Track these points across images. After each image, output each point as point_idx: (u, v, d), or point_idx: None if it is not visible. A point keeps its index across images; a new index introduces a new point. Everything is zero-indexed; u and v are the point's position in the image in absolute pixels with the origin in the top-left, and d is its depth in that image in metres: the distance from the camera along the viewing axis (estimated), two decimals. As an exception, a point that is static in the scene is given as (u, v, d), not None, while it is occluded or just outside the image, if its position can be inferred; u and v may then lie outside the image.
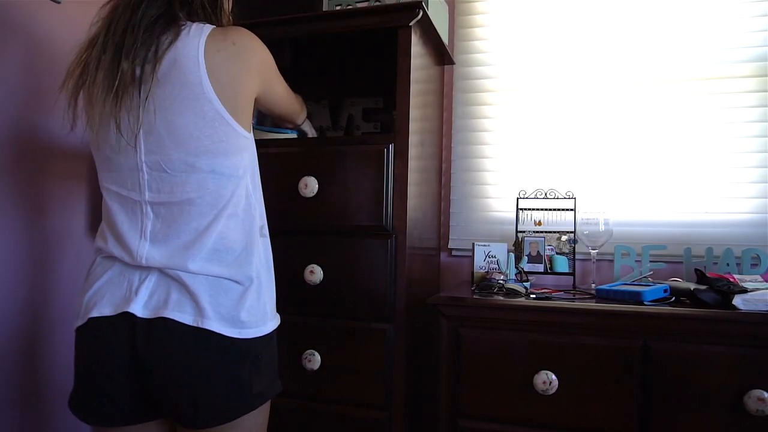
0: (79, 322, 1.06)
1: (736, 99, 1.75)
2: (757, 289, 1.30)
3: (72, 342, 1.09)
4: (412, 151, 1.53)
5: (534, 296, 1.46)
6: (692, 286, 1.36)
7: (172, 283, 1.02)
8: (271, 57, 1.19)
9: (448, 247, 1.99)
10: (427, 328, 1.73)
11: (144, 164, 1.04)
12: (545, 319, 1.35)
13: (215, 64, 1.02)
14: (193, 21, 1.07)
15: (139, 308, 1.01)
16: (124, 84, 1.01)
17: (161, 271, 1.03)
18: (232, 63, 1.04)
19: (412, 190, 1.52)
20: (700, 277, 1.41)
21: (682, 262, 1.66)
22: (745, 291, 1.29)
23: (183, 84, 1.00)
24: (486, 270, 1.62)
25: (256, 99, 1.17)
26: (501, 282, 1.49)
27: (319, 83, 2.00)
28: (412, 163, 1.53)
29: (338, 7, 1.63)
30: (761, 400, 1.19)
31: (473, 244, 1.66)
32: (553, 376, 1.32)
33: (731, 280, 1.35)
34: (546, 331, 1.35)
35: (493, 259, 1.64)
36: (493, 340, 1.39)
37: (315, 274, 1.49)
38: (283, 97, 1.32)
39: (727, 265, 1.58)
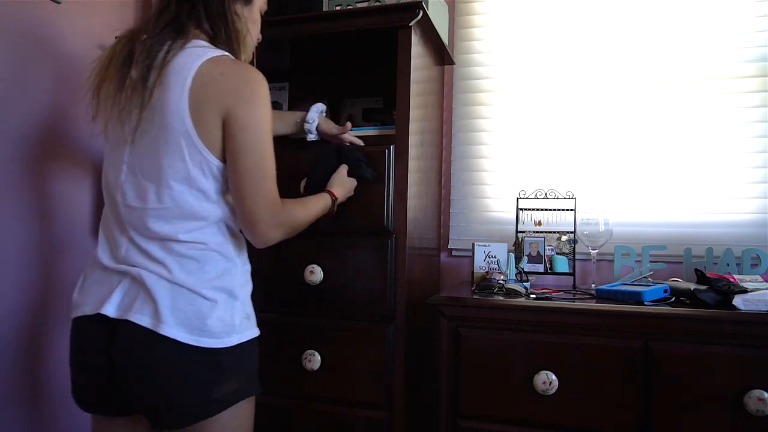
0: (71, 319, 1.14)
1: (737, 99, 1.75)
2: (757, 289, 1.29)
3: None
4: (412, 151, 1.53)
5: (534, 296, 1.46)
6: (692, 286, 1.36)
7: (141, 287, 1.06)
8: (262, 92, 1.10)
9: (448, 247, 1.99)
10: (427, 328, 1.73)
11: (125, 165, 1.10)
12: (545, 319, 1.35)
13: (197, 87, 1.05)
14: (200, 33, 1.13)
15: (111, 309, 1.06)
16: (131, 86, 1.07)
17: (134, 276, 1.07)
18: (209, 87, 1.06)
19: (412, 190, 1.52)
20: (700, 277, 1.41)
21: (682, 263, 1.66)
22: (745, 291, 1.28)
23: (167, 101, 1.06)
24: (486, 270, 1.62)
25: (224, 128, 1.08)
26: (501, 282, 1.49)
27: (319, 83, 2.00)
28: (412, 163, 1.53)
29: (338, 7, 1.63)
30: (761, 400, 1.19)
31: (473, 244, 1.66)
32: (553, 376, 1.32)
33: (731, 280, 1.35)
34: (546, 331, 1.35)
35: (493, 259, 1.64)
36: (493, 340, 1.39)
37: (315, 274, 1.49)
38: (252, 155, 1.08)
39: (727, 265, 1.58)
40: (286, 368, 1.53)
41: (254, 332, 1.16)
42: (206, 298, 1.07)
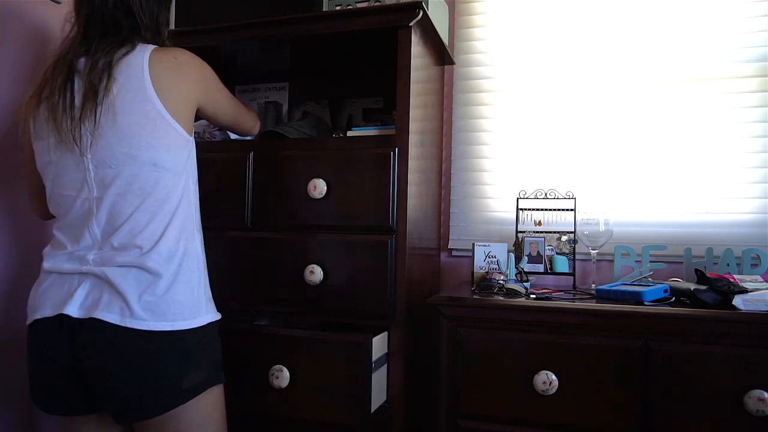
0: (27, 322, 1.16)
1: (736, 99, 1.75)
2: (757, 290, 1.29)
3: None
4: (412, 151, 1.53)
5: (534, 296, 1.46)
6: (692, 286, 1.36)
7: (105, 285, 1.09)
8: (212, 72, 1.31)
9: (448, 247, 1.99)
10: (427, 328, 1.73)
11: (90, 163, 1.13)
12: (545, 320, 1.35)
13: (158, 72, 1.15)
14: (141, 42, 1.21)
15: (74, 310, 1.09)
16: (80, 101, 1.13)
17: (96, 274, 1.10)
18: (174, 73, 1.18)
19: (412, 190, 1.52)
20: (700, 277, 1.41)
21: (682, 263, 1.66)
22: (745, 291, 1.28)
23: (128, 89, 1.12)
24: (486, 270, 1.62)
25: (199, 109, 1.29)
26: (501, 282, 1.49)
27: (319, 83, 2.00)
28: (412, 163, 1.53)
29: (338, 7, 1.63)
30: (761, 400, 1.19)
31: (473, 244, 1.66)
32: (553, 376, 1.32)
33: (731, 280, 1.35)
34: (546, 331, 1.35)
35: (493, 259, 1.64)
36: (493, 340, 1.39)
37: (315, 274, 1.49)
38: (228, 108, 1.40)
39: (728, 265, 1.58)
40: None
41: (217, 315, 1.21)
42: (172, 280, 1.11)
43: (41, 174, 1.22)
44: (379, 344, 1.42)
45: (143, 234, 1.12)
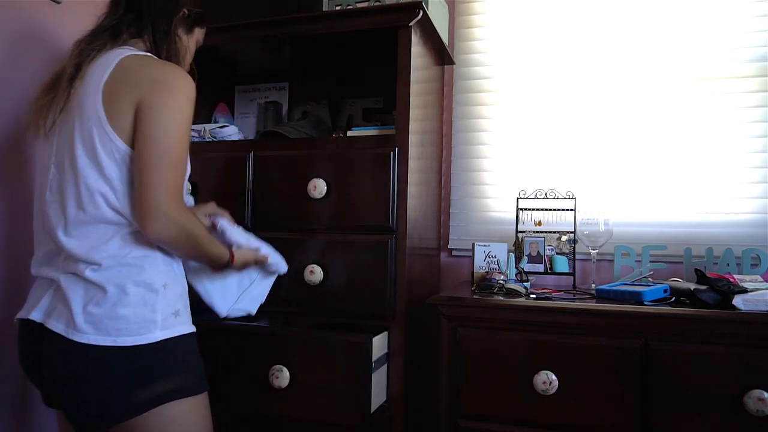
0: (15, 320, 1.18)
1: (737, 99, 1.75)
2: (757, 289, 1.29)
3: None
4: (412, 151, 1.53)
5: (534, 296, 1.46)
6: (692, 286, 1.36)
7: (59, 293, 1.08)
8: (184, 98, 1.09)
9: (448, 247, 1.99)
10: (427, 328, 1.73)
11: (52, 165, 1.11)
12: (545, 320, 1.35)
13: (113, 78, 1.07)
14: (139, 42, 1.16)
15: (37, 315, 1.09)
16: (58, 87, 1.11)
17: (59, 282, 1.08)
18: (124, 77, 1.08)
19: (412, 190, 1.52)
20: (700, 277, 1.41)
21: (682, 263, 1.66)
22: (745, 291, 1.28)
23: (86, 93, 1.08)
24: (486, 270, 1.62)
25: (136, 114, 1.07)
26: (501, 282, 1.49)
27: (319, 83, 2.00)
28: (412, 163, 1.53)
29: (338, 7, 1.63)
30: (761, 400, 1.19)
31: (473, 244, 1.66)
32: (553, 376, 1.32)
33: (731, 280, 1.35)
34: (546, 331, 1.35)
35: (493, 259, 1.64)
36: (493, 340, 1.39)
37: (315, 274, 1.49)
38: (158, 144, 1.05)
39: (728, 265, 1.58)
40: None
41: (184, 329, 1.11)
42: (120, 292, 1.05)
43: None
44: (379, 344, 1.42)
45: (94, 245, 1.06)
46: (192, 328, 1.14)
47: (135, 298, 1.06)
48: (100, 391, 1.04)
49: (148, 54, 1.15)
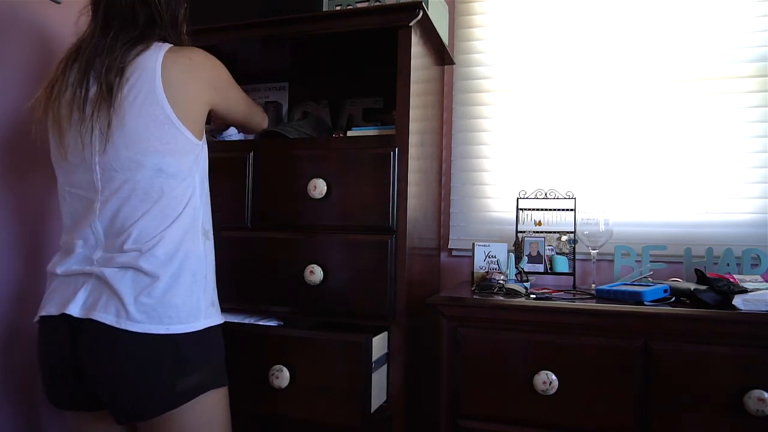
0: (35, 319, 1.18)
1: (737, 99, 1.75)
2: (757, 290, 1.29)
3: None
4: (412, 151, 1.53)
5: (534, 296, 1.46)
6: (692, 286, 1.36)
7: (104, 285, 1.10)
8: (226, 71, 1.31)
9: (448, 247, 1.99)
10: (427, 328, 1.73)
11: (97, 165, 1.13)
12: (545, 320, 1.35)
13: (170, 75, 1.14)
14: (159, 41, 1.19)
15: (76, 309, 1.09)
16: (93, 99, 1.12)
17: (98, 275, 1.10)
18: (186, 75, 1.17)
19: (412, 190, 1.52)
20: (700, 277, 1.41)
21: (682, 263, 1.66)
22: (745, 291, 1.28)
23: (139, 91, 1.11)
24: (486, 270, 1.62)
25: (212, 110, 1.29)
26: (501, 282, 1.49)
27: (319, 83, 2.00)
28: (412, 163, 1.53)
29: (338, 7, 1.63)
30: (761, 400, 1.19)
31: (473, 244, 1.66)
32: (553, 376, 1.32)
33: (731, 280, 1.35)
34: (546, 331, 1.35)
35: (493, 259, 1.64)
36: (493, 340, 1.39)
37: (315, 274, 1.49)
38: (240, 107, 1.42)
39: (728, 265, 1.58)
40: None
41: (218, 319, 1.20)
42: (171, 281, 1.10)
43: (54, 168, 1.22)
44: (379, 344, 1.42)
45: (143, 237, 1.11)
46: (222, 319, 1.22)
47: (184, 287, 1.12)
48: (148, 381, 1.07)
49: (176, 49, 1.19)
